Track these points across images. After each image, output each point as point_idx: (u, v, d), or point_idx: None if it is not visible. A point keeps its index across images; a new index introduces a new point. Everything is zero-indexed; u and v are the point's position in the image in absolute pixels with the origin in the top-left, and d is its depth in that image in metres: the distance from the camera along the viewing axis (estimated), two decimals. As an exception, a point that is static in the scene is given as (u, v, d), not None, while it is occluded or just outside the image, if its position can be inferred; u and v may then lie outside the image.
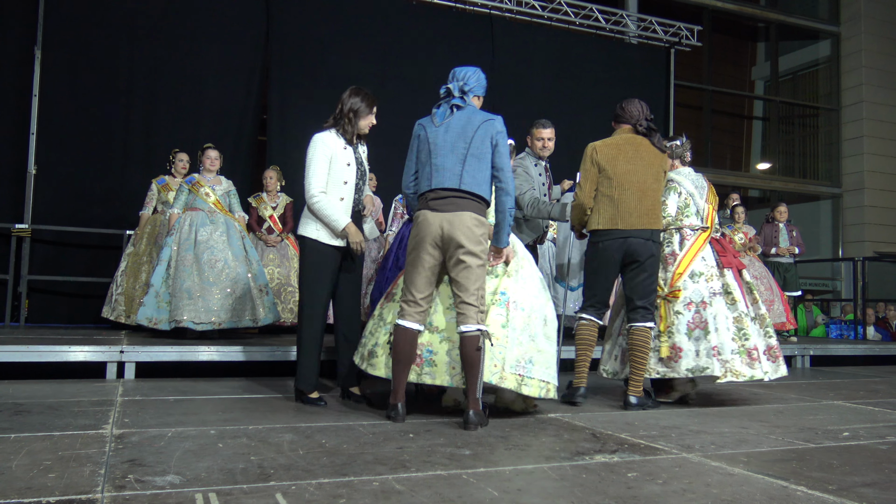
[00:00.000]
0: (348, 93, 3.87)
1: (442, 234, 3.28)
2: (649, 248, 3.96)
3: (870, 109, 13.31)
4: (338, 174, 3.76)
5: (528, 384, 3.39)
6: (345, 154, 3.80)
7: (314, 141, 3.77)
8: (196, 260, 5.39)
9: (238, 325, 5.36)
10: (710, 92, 12.93)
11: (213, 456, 2.50)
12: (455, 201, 3.29)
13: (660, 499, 2.12)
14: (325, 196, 3.71)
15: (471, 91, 3.57)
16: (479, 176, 3.34)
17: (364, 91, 3.90)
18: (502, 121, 3.46)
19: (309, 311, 3.76)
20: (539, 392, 3.42)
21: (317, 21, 8.20)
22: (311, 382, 3.78)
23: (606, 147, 4.06)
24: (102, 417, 3.19)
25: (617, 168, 3.99)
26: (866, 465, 2.64)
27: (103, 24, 7.32)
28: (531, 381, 3.40)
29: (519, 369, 3.37)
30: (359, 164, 3.88)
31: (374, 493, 2.10)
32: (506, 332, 3.39)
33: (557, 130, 4.88)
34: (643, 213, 3.95)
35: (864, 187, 13.22)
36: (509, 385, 3.35)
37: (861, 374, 6.26)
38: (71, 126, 7.17)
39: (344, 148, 3.80)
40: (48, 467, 2.29)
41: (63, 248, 7.20)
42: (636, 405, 3.90)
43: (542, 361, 3.47)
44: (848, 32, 13.64)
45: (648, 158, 4.01)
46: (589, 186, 4.05)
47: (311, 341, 3.78)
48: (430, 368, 3.38)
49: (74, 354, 4.50)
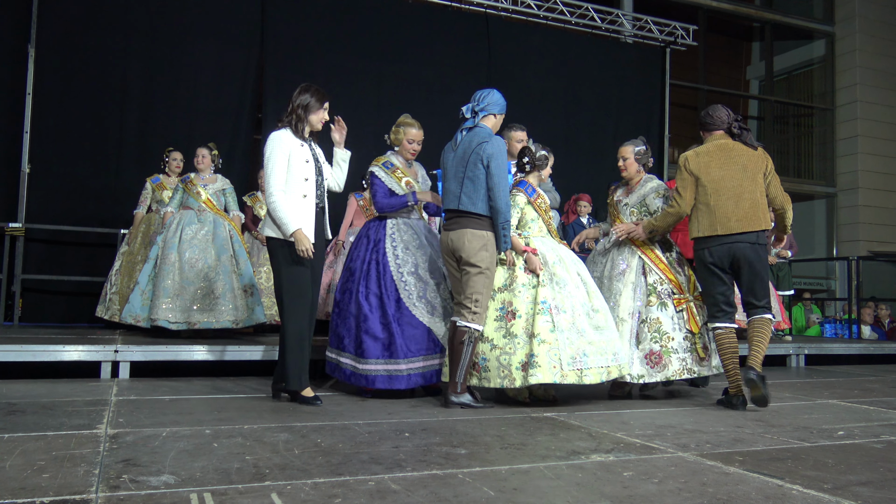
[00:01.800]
0: (298, 90, 3.86)
1: (451, 249, 3.83)
2: (757, 251, 3.99)
3: (864, 109, 13.34)
4: (298, 171, 3.74)
5: (588, 374, 3.75)
6: (302, 151, 3.78)
7: (271, 139, 3.76)
8: (179, 258, 5.38)
9: (214, 325, 5.32)
10: (706, 91, 12.95)
11: (208, 455, 2.49)
12: (458, 220, 3.81)
13: (655, 498, 2.12)
14: (283, 195, 3.69)
15: (483, 110, 3.87)
16: (475, 196, 3.75)
17: (314, 87, 3.89)
18: (497, 142, 3.74)
19: (289, 312, 3.73)
20: (600, 377, 3.78)
21: (312, 19, 8.18)
22: (303, 381, 3.76)
23: (698, 156, 4.12)
24: (97, 417, 3.17)
25: (711, 175, 4.05)
26: (861, 464, 2.64)
27: (97, 23, 7.28)
28: (589, 371, 3.75)
29: (576, 364, 3.73)
30: (316, 161, 3.87)
31: (370, 492, 2.09)
32: (555, 336, 3.73)
33: (553, 129, 4.90)
34: (742, 217, 3.98)
35: (858, 187, 13.26)
36: (571, 380, 3.70)
37: (856, 373, 6.27)
38: (65, 125, 7.14)
39: (301, 145, 3.79)
40: (42, 467, 2.27)
41: (57, 247, 7.17)
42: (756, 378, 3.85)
43: (596, 350, 3.81)
44: (842, 32, 13.67)
45: (742, 161, 4.07)
46: (689, 195, 4.10)
47: (296, 342, 3.73)
48: (486, 374, 3.84)
49: (69, 354, 4.49)
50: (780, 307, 7.19)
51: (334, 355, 4.21)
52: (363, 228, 4.40)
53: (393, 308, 4.05)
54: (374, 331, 4.01)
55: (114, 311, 5.98)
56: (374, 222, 4.37)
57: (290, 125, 3.80)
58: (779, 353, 6.87)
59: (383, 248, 4.19)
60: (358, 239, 4.37)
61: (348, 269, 4.28)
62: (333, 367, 4.21)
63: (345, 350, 4.12)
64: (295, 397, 3.78)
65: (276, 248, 3.76)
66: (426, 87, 8.42)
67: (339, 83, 8.14)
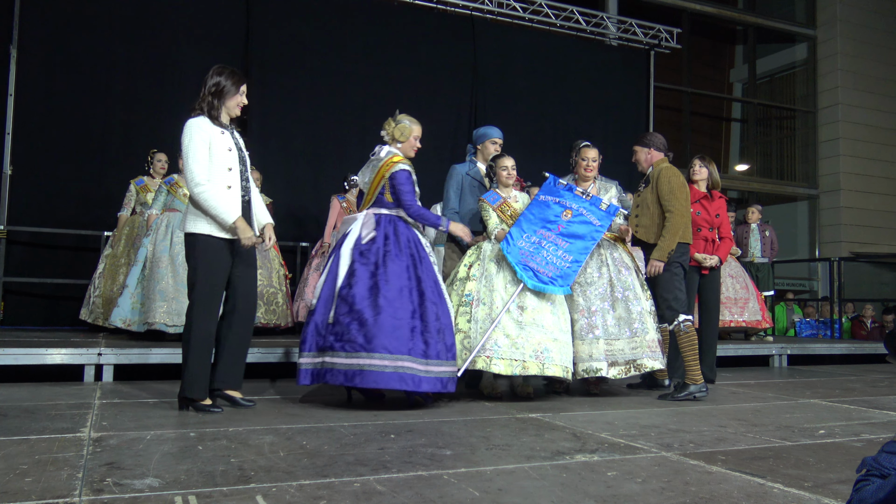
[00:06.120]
0: (210, 72, 3.61)
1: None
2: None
3: (845, 112, 13.49)
4: (220, 160, 3.49)
5: (497, 364, 4.02)
6: (223, 139, 3.53)
7: (187, 126, 3.49)
8: (171, 262, 5.33)
9: None
10: (690, 94, 13.05)
11: (193, 458, 2.48)
12: None
13: (639, 497, 2.14)
14: (211, 185, 3.44)
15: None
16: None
17: (229, 69, 3.64)
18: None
19: (200, 312, 3.50)
20: (511, 370, 4.00)
21: (297, 21, 8.16)
22: (203, 388, 3.50)
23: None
24: (80, 420, 3.15)
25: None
26: (841, 462, 2.68)
27: (80, 23, 7.23)
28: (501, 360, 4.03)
29: (485, 352, 4.03)
30: (239, 150, 3.62)
31: (355, 493, 2.10)
32: (470, 325, 4.11)
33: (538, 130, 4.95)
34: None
35: (840, 188, 13.39)
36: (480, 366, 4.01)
37: (837, 373, 6.34)
38: (47, 126, 7.07)
39: (221, 133, 3.54)
40: (25, 471, 2.26)
41: (40, 250, 7.11)
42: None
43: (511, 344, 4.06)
44: (824, 36, 13.82)
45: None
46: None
47: (202, 344, 3.49)
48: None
49: (52, 357, 4.45)
50: (762, 307, 7.25)
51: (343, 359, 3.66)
52: (367, 218, 3.98)
53: (412, 306, 3.76)
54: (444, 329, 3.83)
55: (97, 314, 5.93)
56: (381, 216, 4.00)
57: (203, 112, 3.54)
58: (762, 354, 6.93)
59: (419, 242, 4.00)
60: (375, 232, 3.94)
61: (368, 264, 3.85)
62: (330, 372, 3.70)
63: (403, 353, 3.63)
64: (189, 404, 3.50)
65: (197, 243, 3.50)
66: (412, 89, 8.42)
67: (324, 85, 8.14)
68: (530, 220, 4.25)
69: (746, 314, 7.00)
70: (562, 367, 4.05)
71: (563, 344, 4.09)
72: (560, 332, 4.10)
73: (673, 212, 4.35)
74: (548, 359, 4.01)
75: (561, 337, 4.10)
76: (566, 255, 4.14)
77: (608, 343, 4.23)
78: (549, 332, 4.06)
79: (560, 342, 4.08)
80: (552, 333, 4.07)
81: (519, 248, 4.14)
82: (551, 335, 4.06)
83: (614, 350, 4.23)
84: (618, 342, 4.25)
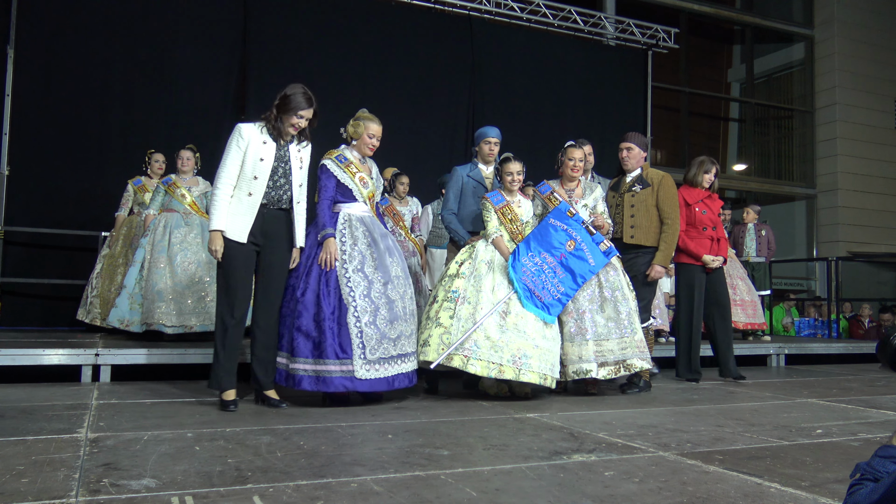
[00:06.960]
0: (289, 85, 3.75)
1: None
2: None
3: (843, 111, 13.50)
4: (249, 168, 3.61)
5: (474, 364, 4.01)
6: (263, 148, 3.63)
7: (234, 130, 3.66)
8: (169, 262, 5.33)
9: (210, 328, 5.29)
10: (687, 94, 13.06)
11: (190, 459, 2.48)
12: None
13: (636, 497, 2.14)
14: (224, 191, 3.59)
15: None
16: None
17: (302, 89, 3.71)
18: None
19: (220, 309, 3.65)
20: (487, 371, 4.00)
21: (295, 21, 8.16)
22: (217, 381, 3.65)
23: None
24: (77, 421, 3.15)
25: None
26: (838, 462, 2.68)
27: (78, 23, 7.22)
28: (478, 361, 4.02)
29: (464, 352, 4.02)
30: (283, 163, 3.71)
31: (352, 494, 2.09)
32: (451, 322, 4.14)
33: (536, 130, 4.96)
34: None
35: (837, 188, 13.41)
36: (456, 364, 4.01)
37: (835, 373, 6.35)
38: (45, 126, 7.06)
39: (264, 142, 3.65)
40: (21, 472, 2.25)
41: (37, 250, 7.10)
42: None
43: (491, 346, 4.06)
44: (821, 35, 13.83)
45: None
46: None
47: (218, 339, 3.65)
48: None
49: (49, 358, 4.45)
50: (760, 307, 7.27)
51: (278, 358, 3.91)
52: (312, 225, 4.02)
53: (331, 307, 3.77)
54: (306, 328, 3.75)
55: (94, 315, 5.92)
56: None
57: (265, 119, 3.69)
58: (759, 353, 6.95)
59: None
60: (307, 234, 3.99)
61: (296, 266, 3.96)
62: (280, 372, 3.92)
63: (281, 350, 3.85)
64: (222, 402, 3.68)
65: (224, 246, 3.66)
66: (410, 89, 8.42)
67: (322, 85, 8.08)
68: (538, 240, 4.28)
69: (757, 317, 7.13)
70: (539, 374, 4.04)
71: (544, 351, 4.09)
72: (542, 339, 4.10)
73: (671, 222, 4.54)
74: (525, 365, 4.01)
75: (543, 344, 4.10)
76: (559, 286, 4.19)
77: (597, 344, 4.27)
78: (531, 339, 4.06)
79: (542, 349, 4.08)
80: (534, 340, 4.07)
81: (522, 265, 4.19)
82: (533, 342, 4.07)
83: (604, 350, 4.26)
84: (607, 342, 4.27)
